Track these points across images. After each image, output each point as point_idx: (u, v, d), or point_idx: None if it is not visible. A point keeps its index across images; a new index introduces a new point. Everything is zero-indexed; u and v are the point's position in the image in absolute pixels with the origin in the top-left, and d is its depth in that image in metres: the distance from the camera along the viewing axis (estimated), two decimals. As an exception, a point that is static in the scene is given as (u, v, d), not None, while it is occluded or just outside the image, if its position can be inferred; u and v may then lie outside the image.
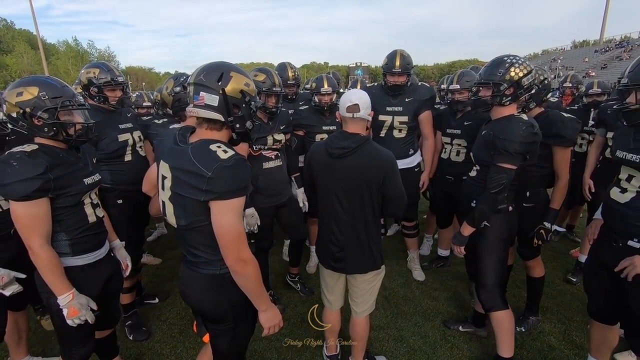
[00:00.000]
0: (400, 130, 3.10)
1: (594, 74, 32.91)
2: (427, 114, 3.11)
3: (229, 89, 1.38)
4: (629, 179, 1.72)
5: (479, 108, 2.20)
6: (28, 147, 1.54)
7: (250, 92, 1.44)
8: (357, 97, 1.92)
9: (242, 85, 1.41)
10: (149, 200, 1.83)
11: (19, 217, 1.49)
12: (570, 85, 4.00)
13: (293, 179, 3.02)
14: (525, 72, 2.00)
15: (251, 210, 2.62)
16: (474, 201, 2.13)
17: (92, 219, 1.73)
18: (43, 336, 2.68)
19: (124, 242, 2.07)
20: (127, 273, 2.00)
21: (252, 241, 4.10)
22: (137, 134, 2.60)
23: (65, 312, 1.56)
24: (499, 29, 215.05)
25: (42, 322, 2.75)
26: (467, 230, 2.11)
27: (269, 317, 1.48)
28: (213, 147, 1.33)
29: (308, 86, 3.82)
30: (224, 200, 1.29)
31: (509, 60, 2.02)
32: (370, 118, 1.97)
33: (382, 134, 3.13)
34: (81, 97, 1.74)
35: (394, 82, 3.01)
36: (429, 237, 4.02)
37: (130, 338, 2.66)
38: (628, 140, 1.71)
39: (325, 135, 3.29)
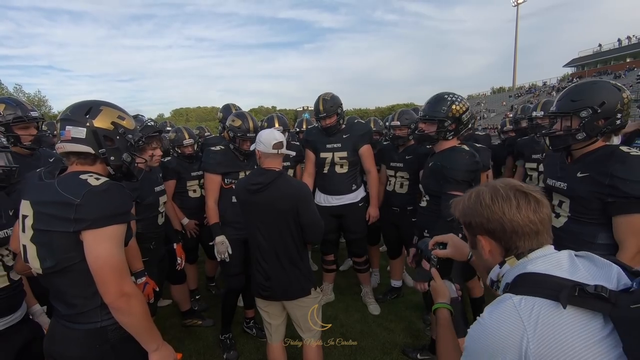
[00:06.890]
0: (341, 166, 3.21)
1: (511, 115, 37.42)
2: (366, 148, 3.23)
3: (97, 120, 1.31)
4: (560, 204, 1.82)
5: (424, 142, 2.31)
6: None
7: (125, 125, 1.37)
8: (281, 135, 2.05)
9: (114, 118, 1.35)
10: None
11: None
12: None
13: None
14: (464, 108, 2.10)
15: (221, 238, 2.62)
16: (426, 230, 2.16)
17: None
18: None
19: (45, 308, 1.80)
20: None
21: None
22: None
23: None
24: (429, 77, 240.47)
25: None
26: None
27: (162, 357, 1.29)
28: (83, 176, 1.21)
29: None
30: (98, 228, 1.15)
31: (449, 98, 2.09)
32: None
33: (325, 170, 3.24)
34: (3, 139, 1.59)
35: (325, 125, 3.11)
36: (375, 270, 4.09)
37: None
38: (555, 169, 1.85)
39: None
